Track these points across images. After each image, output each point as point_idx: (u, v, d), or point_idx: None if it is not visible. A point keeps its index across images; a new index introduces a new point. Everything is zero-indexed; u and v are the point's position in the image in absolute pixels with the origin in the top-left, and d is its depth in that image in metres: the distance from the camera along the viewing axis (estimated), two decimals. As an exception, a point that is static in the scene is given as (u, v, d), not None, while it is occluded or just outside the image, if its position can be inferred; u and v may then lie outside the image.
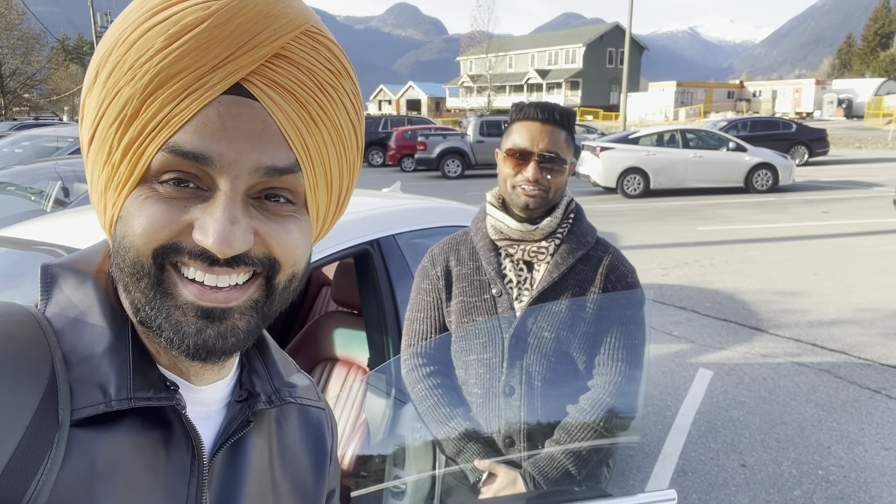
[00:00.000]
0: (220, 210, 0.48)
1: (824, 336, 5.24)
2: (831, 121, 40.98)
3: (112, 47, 0.50)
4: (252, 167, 0.49)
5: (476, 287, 1.57)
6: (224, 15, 0.48)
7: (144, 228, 0.49)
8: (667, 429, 3.78)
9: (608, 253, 1.58)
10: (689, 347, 5.06)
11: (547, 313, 1.52)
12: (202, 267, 0.50)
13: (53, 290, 0.55)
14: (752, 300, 6.23)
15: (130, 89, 0.48)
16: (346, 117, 0.55)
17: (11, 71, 33.57)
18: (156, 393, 0.52)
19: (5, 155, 6.97)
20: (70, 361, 0.51)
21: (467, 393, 1.58)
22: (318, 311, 3.05)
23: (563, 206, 1.56)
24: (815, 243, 8.66)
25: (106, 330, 0.53)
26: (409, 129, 20.91)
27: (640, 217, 11.11)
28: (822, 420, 3.85)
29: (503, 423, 1.53)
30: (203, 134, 0.48)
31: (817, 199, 12.58)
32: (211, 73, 0.48)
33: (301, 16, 0.52)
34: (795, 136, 18.89)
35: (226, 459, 0.59)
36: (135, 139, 0.49)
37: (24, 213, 4.32)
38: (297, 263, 0.55)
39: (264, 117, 0.50)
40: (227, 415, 0.60)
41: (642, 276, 7.03)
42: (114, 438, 0.50)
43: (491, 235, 1.58)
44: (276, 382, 0.65)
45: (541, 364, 1.51)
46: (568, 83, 61.97)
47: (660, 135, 13.95)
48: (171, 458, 0.54)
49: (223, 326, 0.51)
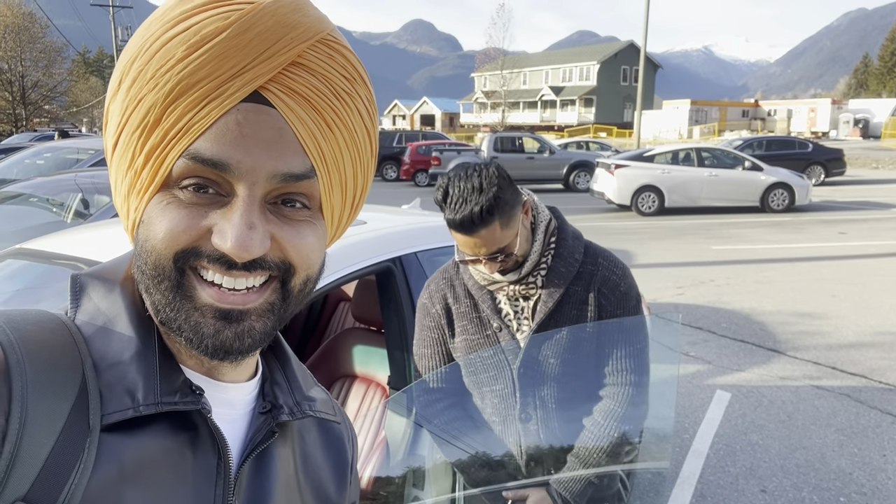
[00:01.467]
0: (238, 216, 0.50)
1: (844, 359, 5.16)
2: (847, 141, 40.70)
3: (135, 56, 0.51)
4: (269, 174, 0.51)
5: (476, 325, 1.59)
6: (243, 25, 0.49)
7: (166, 233, 0.50)
8: (685, 452, 3.73)
9: (597, 265, 1.56)
10: (705, 368, 5.00)
11: (549, 341, 1.53)
12: (220, 270, 0.51)
13: (82, 299, 0.57)
14: (769, 321, 6.16)
15: (153, 97, 0.50)
16: (360, 122, 0.57)
17: (33, 83, 34.17)
18: (182, 397, 0.54)
19: (27, 167, 7.06)
20: (99, 368, 0.53)
21: (485, 420, 1.60)
22: (335, 327, 3.05)
23: (542, 236, 1.53)
24: (832, 264, 8.56)
25: (133, 336, 0.55)
26: (423, 144, 20.99)
27: (654, 235, 11.05)
28: (844, 445, 3.78)
29: (524, 447, 1.54)
30: (222, 141, 0.49)
31: (834, 220, 12.46)
32: (230, 82, 0.49)
33: (317, 24, 0.53)
34: (812, 156, 18.76)
35: (253, 469, 0.60)
36: (157, 146, 0.50)
37: (45, 224, 4.37)
38: (312, 266, 0.56)
39: (281, 124, 0.51)
40: (252, 425, 0.62)
41: (657, 295, 6.99)
42: (142, 442, 0.52)
43: (479, 281, 1.58)
44: (296, 395, 0.66)
45: (552, 388, 1.52)
46: (582, 100, 62.01)
47: (675, 153, 13.91)
48: (198, 461, 0.55)
49: (240, 328, 0.53)
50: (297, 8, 0.52)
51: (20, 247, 2.19)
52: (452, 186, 1.41)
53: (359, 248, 2.00)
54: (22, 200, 4.81)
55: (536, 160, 18.79)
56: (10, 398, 0.47)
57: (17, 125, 33.02)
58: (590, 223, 12.43)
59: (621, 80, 63.55)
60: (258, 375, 0.65)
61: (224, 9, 0.50)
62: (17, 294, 2.02)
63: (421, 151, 20.54)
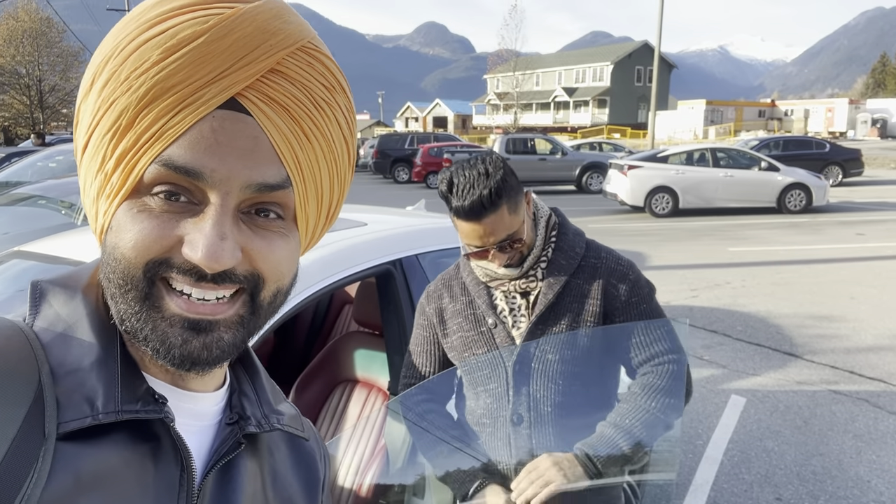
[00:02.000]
0: (209, 226, 0.48)
1: (862, 363, 5.04)
2: (865, 141, 40.17)
3: (109, 57, 0.50)
4: (243, 183, 0.50)
5: (471, 321, 1.56)
6: (222, 30, 0.48)
7: (136, 242, 0.49)
8: (698, 458, 3.65)
9: (601, 258, 1.53)
10: (720, 373, 4.91)
11: (548, 336, 1.48)
12: (190, 282, 0.50)
13: (42, 305, 0.56)
14: (785, 324, 6.05)
15: (126, 100, 0.48)
16: (338, 132, 0.56)
17: (50, 87, 34.57)
18: (144, 405, 0.52)
19: (39, 169, 7.12)
20: (57, 375, 0.51)
21: (476, 423, 1.55)
22: (339, 330, 3.01)
23: (543, 230, 1.51)
24: (850, 266, 8.41)
25: (94, 343, 0.53)
26: (435, 146, 20.99)
27: (668, 237, 10.93)
28: (862, 452, 3.69)
29: (514, 451, 1.49)
30: (196, 149, 0.48)
31: (852, 221, 12.26)
32: (206, 88, 0.48)
33: (298, 32, 0.52)
34: (829, 156, 18.52)
35: (217, 481, 0.58)
36: (128, 150, 0.49)
37: (55, 226, 4.38)
38: (282, 279, 0.55)
39: (257, 133, 0.50)
40: (217, 436, 0.60)
41: (671, 297, 6.90)
42: (101, 452, 0.50)
43: (480, 277, 1.55)
44: (265, 408, 0.65)
45: (548, 389, 1.47)
46: (595, 101, 61.74)
47: (689, 153, 13.76)
48: (160, 472, 0.53)
49: (209, 338, 0.51)
50: (277, 14, 0.51)
51: (19, 248, 2.17)
52: (457, 176, 1.40)
53: (358, 250, 1.96)
54: (33, 202, 4.85)
55: (549, 161, 18.71)
56: None
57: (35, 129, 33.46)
58: (603, 225, 12.33)
59: (635, 80, 63.22)
60: (226, 386, 0.63)
61: (203, 12, 0.49)
62: (13, 296, 2.00)
63: (433, 153, 20.54)
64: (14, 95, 33.09)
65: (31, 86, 33.59)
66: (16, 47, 32.39)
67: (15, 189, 5.32)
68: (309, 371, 2.35)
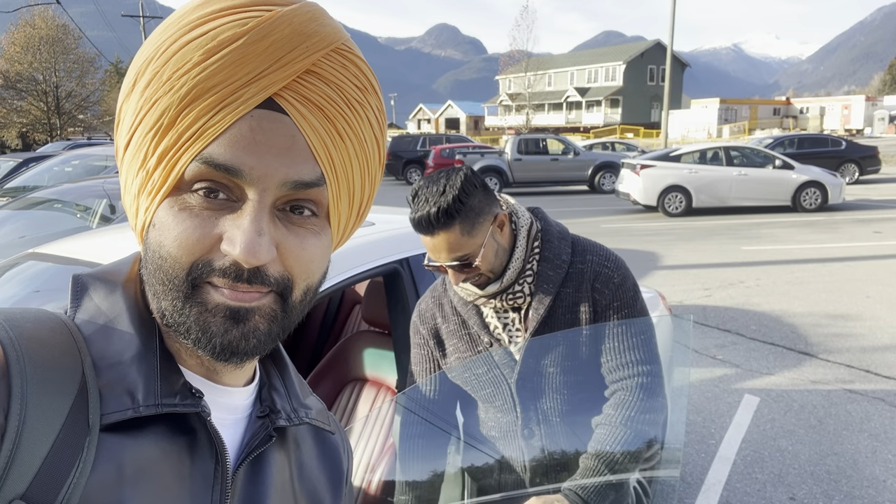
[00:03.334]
0: (247, 222, 0.50)
1: (878, 362, 4.99)
2: (883, 138, 39.66)
3: (151, 58, 0.52)
4: (280, 181, 0.51)
5: (466, 342, 1.55)
6: (260, 32, 0.50)
7: (181, 242, 0.51)
8: (710, 458, 3.63)
9: (586, 261, 1.49)
10: (733, 372, 4.87)
11: (545, 349, 1.47)
12: (228, 284, 0.52)
13: (83, 299, 0.57)
14: (800, 323, 5.99)
15: (168, 100, 0.50)
16: (370, 132, 0.58)
17: (67, 93, 34.97)
18: (182, 399, 0.54)
19: (56, 173, 7.22)
20: (99, 367, 0.53)
21: (486, 433, 1.56)
22: (350, 330, 3.03)
23: (523, 246, 1.48)
24: (867, 265, 8.31)
25: (134, 337, 0.55)
26: (447, 148, 20.97)
27: (681, 236, 10.86)
28: (877, 451, 3.64)
29: (528, 464, 1.49)
30: (235, 147, 0.50)
31: (869, 219, 12.11)
32: (245, 88, 0.50)
33: (332, 34, 0.54)
34: (845, 154, 18.30)
35: (249, 473, 0.60)
36: (170, 148, 0.51)
37: (71, 229, 4.43)
38: (312, 276, 0.57)
39: (293, 132, 0.52)
40: (248, 429, 0.62)
41: (684, 297, 6.86)
42: (141, 444, 0.52)
43: (465, 297, 1.54)
44: (293, 402, 0.67)
45: (554, 401, 1.47)
46: (608, 101, 61.48)
47: (702, 152, 13.66)
48: (196, 464, 0.55)
49: (247, 327, 0.53)
50: (313, 17, 0.53)
51: (33, 250, 2.21)
52: (422, 187, 1.41)
53: (366, 250, 1.97)
54: (50, 206, 4.91)
55: (561, 161, 18.64)
56: (10, 395, 0.46)
57: (52, 134, 33.87)
58: (615, 224, 12.28)
59: (648, 79, 62.87)
60: (256, 381, 0.65)
61: (242, 15, 0.50)
62: (28, 296, 2.03)
63: (445, 155, 20.54)
64: (32, 102, 33.50)
65: (49, 92, 34.00)
66: (33, 54, 32.78)
67: (32, 193, 5.40)
68: (319, 370, 2.37)
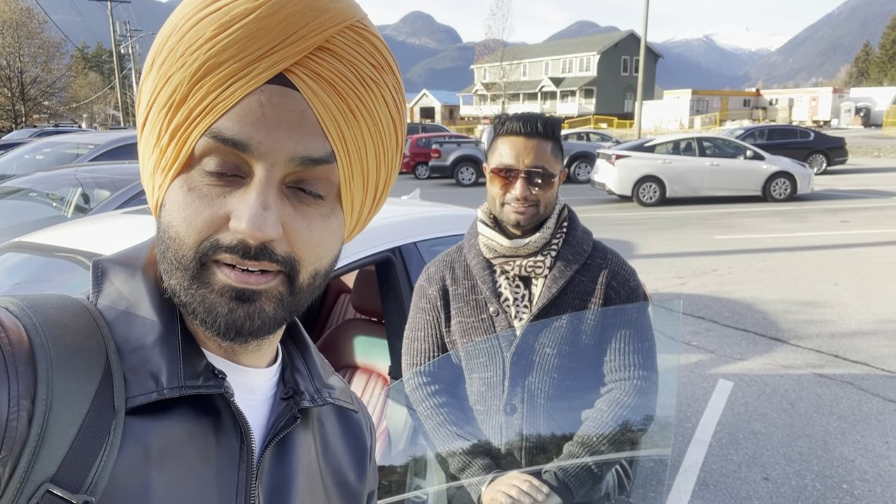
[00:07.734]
0: (253, 196, 0.50)
1: (846, 347, 5.16)
2: (849, 129, 40.57)
3: (168, 36, 0.52)
4: (288, 156, 0.51)
5: (473, 307, 1.55)
6: (272, 7, 0.49)
7: (189, 222, 0.51)
8: (687, 440, 3.73)
9: (606, 259, 1.55)
10: (708, 358, 5.00)
11: (548, 329, 1.49)
12: (235, 259, 0.52)
13: (104, 284, 0.58)
14: (771, 310, 6.16)
15: (180, 75, 0.50)
16: (385, 111, 0.56)
17: (32, 79, 34.08)
18: (205, 381, 0.54)
19: (27, 161, 7.04)
20: (122, 351, 0.53)
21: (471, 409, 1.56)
22: (335, 319, 3.04)
23: (556, 217, 1.53)
24: (834, 253, 8.55)
25: (156, 320, 0.55)
26: (423, 137, 20.93)
27: (656, 226, 11.03)
28: (846, 433, 3.78)
29: (504, 440, 1.50)
30: (244, 122, 0.50)
31: (836, 209, 12.43)
32: (256, 63, 0.50)
33: (347, 10, 0.53)
34: (813, 145, 18.71)
35: (275, 455, 0.60)
36: (181, 124, 0.51)
37: (46, 219, 4.35)
38: (320, 260, 0.56)
39: (303, 108, 0.51)
40: (273, 410, 0.62)
41: (659, 285, 6.99)
42: (166, 426, 0.52)
43: (484, 253, 1.55)
44: (316, 383, 0.67)
45: (543, 382, 1.48)
46: (582, 91, 61.81)
47: (676, 143, 13.86)
48: (221, 444, 0.55)
49: (252, 308, 0.53)
50: None
51: (19, 240, 2.19)
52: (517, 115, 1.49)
53: (357, 238, 1.99)
54: (22, 195, 4.80)
55: (537, 151, 18.70)
56: (36, 380, 0.47)
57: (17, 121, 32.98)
58: (591, 214, 12.41)
59: (622, 70, 63.32)
60: (278, 362, 0.65)
61: None
62: (16, 287, 2.01)
63: (421, 144, 20.50)
64: (-5, 88, 32.63)
65: (13, 77, 33.09)
66: (-4, 39, 31.88)
67: (2, 182, 5.26)
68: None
